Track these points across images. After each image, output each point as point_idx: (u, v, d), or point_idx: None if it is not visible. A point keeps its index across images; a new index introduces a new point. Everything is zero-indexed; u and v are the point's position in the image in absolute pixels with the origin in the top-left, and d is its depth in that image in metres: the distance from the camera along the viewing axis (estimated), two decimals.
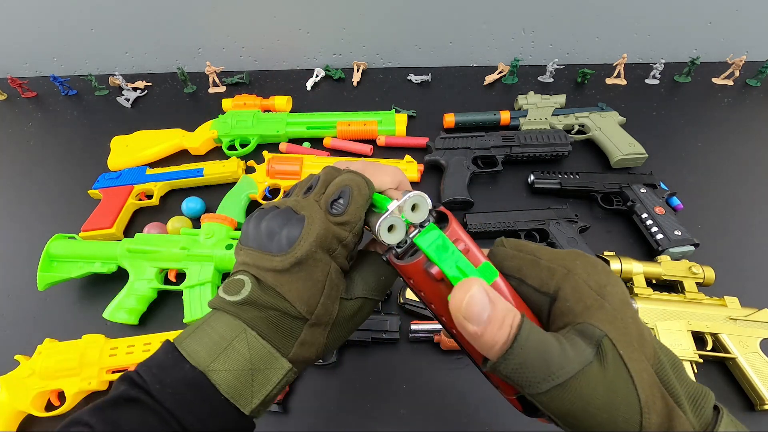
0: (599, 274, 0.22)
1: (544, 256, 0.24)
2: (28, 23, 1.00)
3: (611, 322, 0.21)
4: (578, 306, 0.21)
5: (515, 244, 0.25)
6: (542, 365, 0.19)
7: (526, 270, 0.24)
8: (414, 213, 0.24)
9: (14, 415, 0.51)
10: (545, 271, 0.23)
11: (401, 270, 0.23)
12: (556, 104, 0.86)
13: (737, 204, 0.72)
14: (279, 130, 0.85)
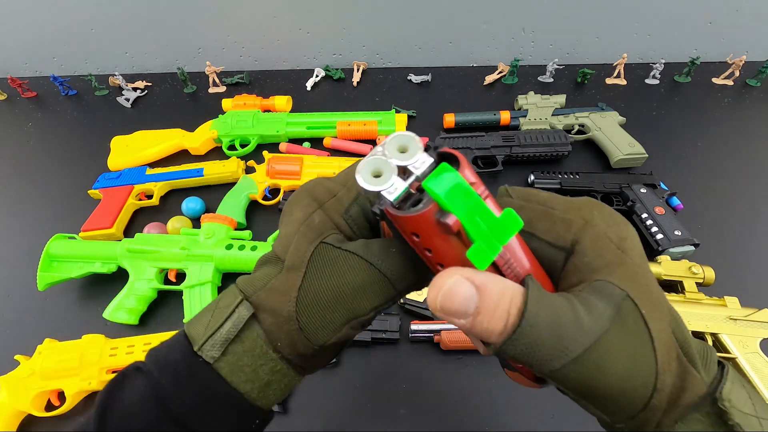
0: (619, 225, 0.20)
1: (557, 206, 0.21)
2: (28, 23, 1.00)
3: (633, 279, 0.19)
4: (598, 261, 0.19)
5: (523, 193, 0.22)
6: (555, 341, 0.17)
7: (537, 222, 0.21)
8: (404, 155, 0.19)
9: (14, 415, 0.51)
10: (560, 223, 0.21)
11: (405, 222, 0.18)
12: (556, 104, 0.86)
13: (737, 204, 0.72)
14: (279, 130, 0.85)
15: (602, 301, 0.18)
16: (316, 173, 0.76)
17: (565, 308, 0.18)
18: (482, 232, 0.17)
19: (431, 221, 0.18)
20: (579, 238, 0.20)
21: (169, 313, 0.62)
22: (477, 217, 0.17)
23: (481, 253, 0.17)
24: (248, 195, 0.74)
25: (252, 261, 0.61)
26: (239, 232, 0.67)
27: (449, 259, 0.19)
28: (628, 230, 0.20)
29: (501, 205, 0.20)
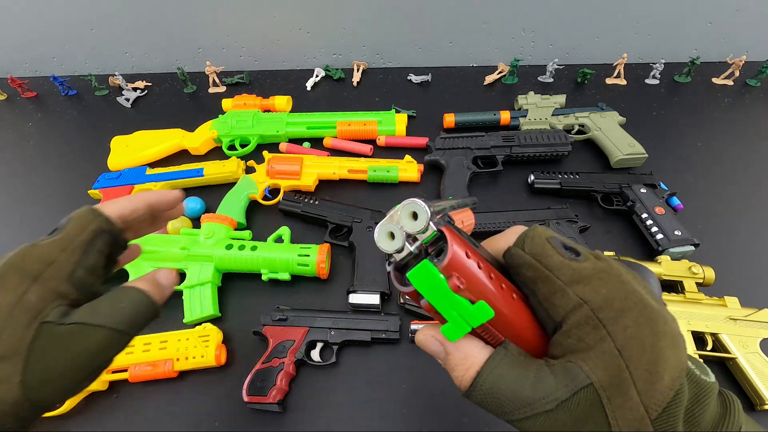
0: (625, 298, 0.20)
1: (563, 277, 0.22)
2: (28, 23, 1.00)
3: (605, 366, 0.19)
4: (578, 345, 0.20)
5: (537, 251, 0.23)
6: (512, 398, 0.20)
7: (540, 284, 0.22)
8: (414, 222, 0.23)
9: None
10: (558, 295, 0.21)
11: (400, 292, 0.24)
12: (556, 104, 0.86)
13: (737, 204, 0.72)
14: (279, 130, 0.85)
15: (562, 383, 0.20)
16: (316, 173, 0.76)
17: (525, 376, 0.21)
18: (452, 317, 0.21)
19: (416, 295, 0.23)
20: (569, 317, 0.21)
21: (169, 313, 0.62)
22: (448, 305, 0.21)
23: (451, 331, 0.22)
24: (248, 195, 0.74)
25: (252, 261, 0.61)
26: (239, 232, 0.67)
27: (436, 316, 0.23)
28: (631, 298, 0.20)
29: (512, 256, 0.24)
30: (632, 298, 0.20)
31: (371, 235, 0.66)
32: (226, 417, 0.52)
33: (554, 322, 0.22)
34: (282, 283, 0.64)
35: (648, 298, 0.20)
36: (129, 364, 0.53)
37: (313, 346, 0.57)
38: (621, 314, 0.20)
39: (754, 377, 0.51)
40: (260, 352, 0.57)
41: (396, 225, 0.23)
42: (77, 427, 0.52)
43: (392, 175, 0.76)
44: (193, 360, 0.54)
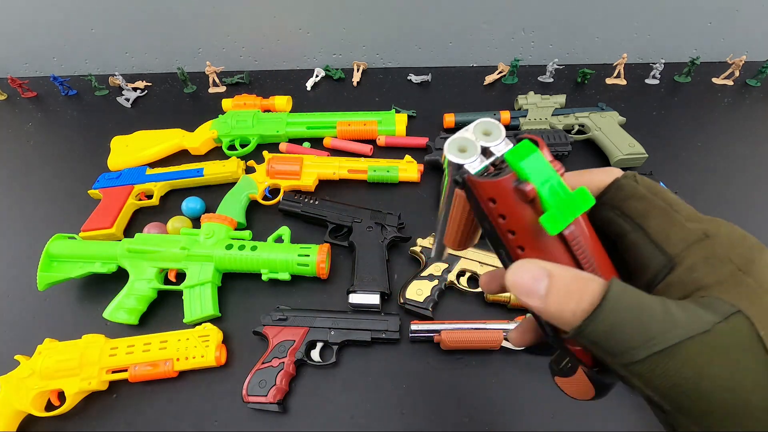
0: (749, 247, 0.18)
1: (682, 210, 0.20)
2: (28, 23, 1.00)
3: (752, 300, 0.16)
4: (709, 278, 0.17)
5: (650, 185, 0.21)
6: (639, 329, 0.16)
7: (652, 219, 0.20)
8: (487, 137, 0.21)
9: (14, 415, 0.51)
10: (677, 228, 0.19)
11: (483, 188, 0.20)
12: (556, 104, 0.86)
13: (737, 204, 0.72)
14: (279, 130, 0.85)
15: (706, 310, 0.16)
16: (316, 173, 0.76)
17: (655, 301, 0.17)
18: (556, 201, 0.18)
19: (509, 188, 0.19)
20: (691, 250, 0.18)
21: (169, 313, 0.62)
22: (552, 188, 0.18)
23: (553, 220, 0.18)
24: (248, 195, 0.74)
25: (252, 261, 0.61)
26: (239, 232, 0.67)
27: (522, 227, 0.20)
28: (762, 254, 0.18)
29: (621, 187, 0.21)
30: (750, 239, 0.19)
31: (371, 235, 0.66)
32: (226, 417, 0.52)
33: (667, 257, 0.19)
34: (282, 283, 0.64)
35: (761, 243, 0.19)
36: (129, 364, 0.53)
37: (313, 346, 0.57)
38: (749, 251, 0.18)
39: None
40: (260, 352, 0.57)
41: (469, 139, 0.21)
42: (77, 427, 0.52)
43: (392, 175, 0.76)
44: (193, 360, 0.54)
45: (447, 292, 0.63)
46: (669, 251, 0.19)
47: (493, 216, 0.20)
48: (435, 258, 0.32)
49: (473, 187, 0.20)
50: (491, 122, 0.21)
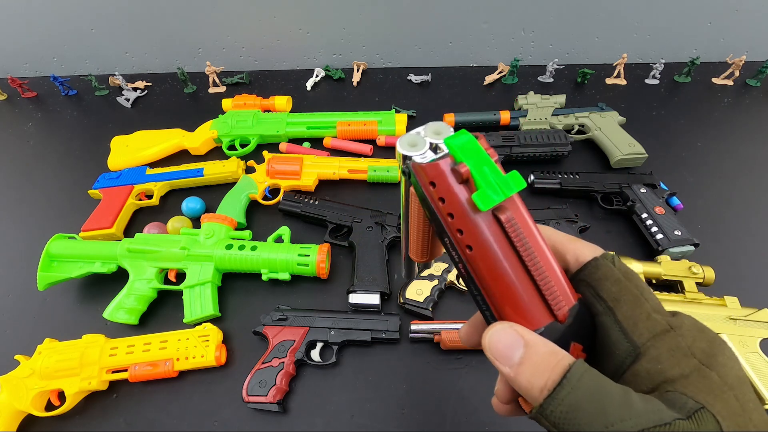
0: (710, 341, 0.19)
1: (650, 300, 0.20)
2: (28, 23, 1.00)
3: (716, 396, 0.17)
4: (673, 370, 0.18)
5: (626, 270, 0.22)
6: (598, 413, 0.16)
7: (623, 304, 0.21)
8: (437, 136, 0.23)
9: (14, 415, 0.51)
10: (644, 317, 0.20)
11: (424, 172, 0.21)
12: (556, 104, 0.86)
13: (737, 204, 0.72)
14: (279, 130, 0.85)
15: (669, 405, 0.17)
16: (316, 173, 0.76)
17: (616, 388, 0.17)
18: (488, 181, 0.20)
19: (446, 169, 0.21)
20: (656, 342, 0.19)
21: (169, 313, 0.62)
22: (485, 169, 0.20)
23: (484, 197, 0.19)
24: (248, 195, 0.74)
25: (252, 261, 0.61)
26: (239, 232, 0.67)
27: (458, 208, 0.21)
28: (722, 348, 0.19)
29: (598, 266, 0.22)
30: (709, 332, 0.20)
31: (371, 235, 0.66)
32: (226, 417, 0.52)
33: (633, 345, 0.19)
34: (282, 283, 0.64)
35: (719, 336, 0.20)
36: (129, 364, 0.53)
37: (313, 346, 0.57)
38: (710, 345, 0.19)
39: (754, 377, 0.50)
40: (260, 352, 0.57)
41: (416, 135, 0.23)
42: (77, 427, 0.52)
43: (392, 175, 0.76)
44: (193, 360, 0.54)
45: (447, 292, 0.63)
46: (635, 339, 0.20)
47: (434, 200, 0.21)
48: (405, 277, 0.34)
49: (416, 173, 0.22)
50: (442, 124, 0.23)
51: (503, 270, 0.21)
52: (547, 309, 0.21)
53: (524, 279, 0.21)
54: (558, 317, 0.21)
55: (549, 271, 0.21)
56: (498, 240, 0.21)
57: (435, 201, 0.22)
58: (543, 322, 0.21)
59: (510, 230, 0.21)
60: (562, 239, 0.24)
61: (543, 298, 0.21)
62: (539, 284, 0.21)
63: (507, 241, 0.21)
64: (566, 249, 0.24)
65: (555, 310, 0.21)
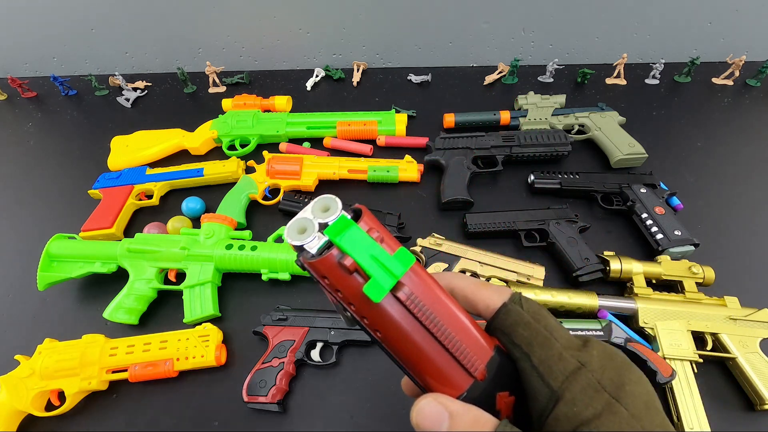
0: (618, 369, 0.20)
1: (560, 339, 0.21)
2: (28, 23, 1.00)
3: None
4: (587, 411, 0.19)
5: (534, 311, 0.23)
6: None
7: (536, 347, 0.21)
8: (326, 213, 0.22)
9: (14, 415, 0.51)
10: (556, 358, 0.21)
11: (314, 269, 0.21)
12: (556, 104, 0.86)
13: (737, 204, 0.72)
14: (279, 130, 0.85)
15: None
16: (316, 173, 0.76)
17: None
18: (375, 269, 0.20)
19: (333, 263, 0.20)
20: (569, 384, 0.20)
21: (169, 313, 0.62)
22: (370, 256, 0.20)
23: (375, 288, 0.19)
24: (248, 195, 0.74)
25: (252, 261, 0.61)
26: (239, 232, 0.67)
27: (356, 297, 0.21)
28: (630, 374, 0.20)
29: (508, 312, 0.23)
30: (617, 357, 0.21)
31: None
32: (226, 417, 0.52)
33: (551, 390, 0.20)
34: (282, 283, 0.64)
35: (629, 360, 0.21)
36: (129, 364, 0.53)
37: (313, 346, 0.57)
38: (618, 374, 0.20)
39: (753, 377, 0.51)
40: (260, 352, 0.57)
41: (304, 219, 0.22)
42: (77, 427, 0.52)
43: (392, 175, 0.76)
44: (193, 360, 0.54)
45: None
46: (552, 384, 0.20)
47: (332, 290, 0.21)
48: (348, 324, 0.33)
49: (308, 268, 0.21)
50: (329, 198, 0.22)
51: (414, 345, 0.21)
52: (465, 371, 0.22)
53: (437, 349, 0.22)
54: (476, 377, 0.22)
55: (459, 333, 0.22)
56: (403, 318, 0.21)
57: (333, 292, 0.21)
58: (464, 385, 0.21)
59: (411, 307, 0.21)
60: (471, 288, 0.25)
61: (459, 362, 0.22)
62: (451, 351, 0.21)
63: (412, 316, 0.21)
64: (476, 298, 0.24)
65: (472, 371, 0.22)
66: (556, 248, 0.64)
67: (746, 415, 0.51)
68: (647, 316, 0.55)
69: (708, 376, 0.53)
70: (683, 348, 0.53)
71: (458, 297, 0.25)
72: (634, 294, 0.58)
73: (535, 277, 0.61)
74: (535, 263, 0.63)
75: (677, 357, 0.52)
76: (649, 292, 0.58)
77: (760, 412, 0.50)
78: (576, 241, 0.64)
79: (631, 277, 0.59)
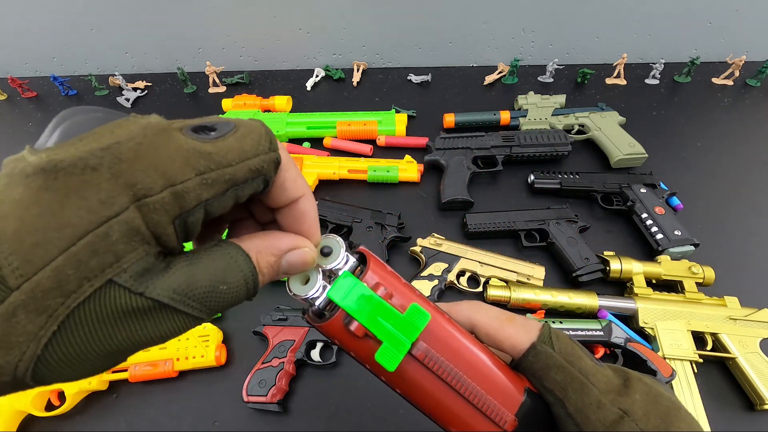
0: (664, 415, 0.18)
1: (598, 384, 0.19)
2: (28, 23, 1.00)
3: None
4: None
5: (567, 351, 0.20)
6: None
7: (571, 392, 0.20)
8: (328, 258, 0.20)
9: (14, 415, 0.51)
10: (594, 407, 0.19)
11: (322, 330, 0.20)
12: (556, 104, 0.86)
13: (737, 204, 0.72)
14: (279, 130, 0.85)
15: None
16: (316, 173, 0.76)
17: None
18: (387, 335, 0.18)
19: (341, 327, 0.19)
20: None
21: None
22: (380, 319, 0.18)
23: (387, 355, 0.18)
24: None
25: None
26: None
27: (369, 361, 0.19)
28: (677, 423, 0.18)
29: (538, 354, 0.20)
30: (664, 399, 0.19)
31: (371, 235, 0.66)
32: (226, 417, 0.52)
33: None
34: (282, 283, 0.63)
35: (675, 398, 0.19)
36: (129, 364, 0.53)
37: (313, 345, 0.57)
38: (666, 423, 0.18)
39: (753, 377, 0.51)
40: (260, 352, 0.57)
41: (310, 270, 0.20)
42: (77, 427, 0.52)
43: (392, 175, 0.76)
44: (193, 360, 0.54)
45: (447, 291, 0.63)
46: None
47: (345, 350, 0.20)
48: None
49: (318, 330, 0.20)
50: (331, 240, 0.20)
51: (436, 401, 0.21)
52: (493, 423, 0.20)
53: (461, 403, 0.20)
54: (506, 430, 0.20)
55: (484, 384, 0.20)
56: (422, 375, 0.20)
57: (346, 351, 0.20)
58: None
59: (429, 364, 0.20)
60: (494, 327, 0.22)
61: (485, 415, 0.20)
62: (476, 405, 0.20)
63: (431, 373, 0.20)
64: (500, 337, 0.22)
65: (501, 424, 0.20)
66: (556, 248, 0.64)
67: (746, 415, 0.51)
68: (647, 316, 0.55)
69: (708, 376, 0.53)
70: (683, 348, 0.53)
71: (480, 334, 0.23)
72: (634, 294, 0.58)
73: (535, 277, 0.61)
74: (535, 263, 0.63)
75: (677, 357, 0.52)
76: (649, 292, 0.58)
77: (760, 412, 0.50)
78: (576, 241, 0.64)
79: (631, 277, 0.59)
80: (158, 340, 0.16)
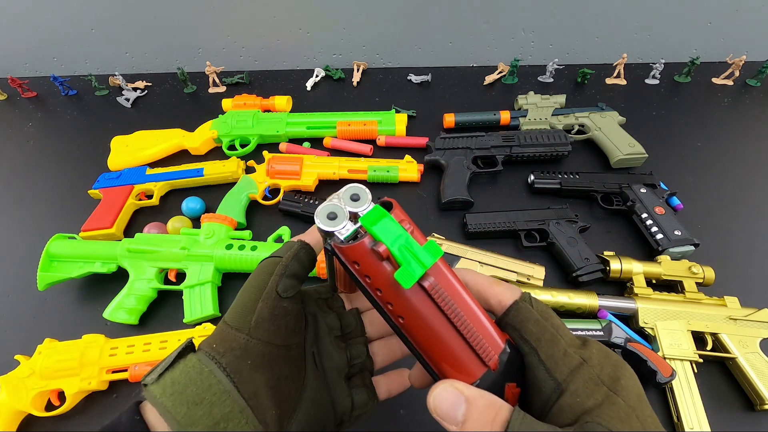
0: (613, 365, 0.22)
1: (565, 337, 0.24)
2: (28, 23, 1.00)
3: (624, 420, 0.20)
4: (589, 401, 0.21)
5: (542, 309, 0.25)
6: None
7: (544, 343, 0.23)
8: (355, 203, 0.24)
9: (14, 415, 0.51)
10: (561, 354, 0.23)
11: (346, 254, 0.23)
12: (556, 104, 0.86)
13: (737, 204, 0.72)
14: (279, 130, 0.85)
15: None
16: (316, 173, 0.76)
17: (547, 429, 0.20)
18: (406, 257, 0.21)
19: (366, 250, 0.22)
20: (573, 377, 0.22)
21: (169, 313, 0.62)
22: (402, 245, 0.21)
23: (405, 274, 0.21)
24: (248, 195, 0.74)
25: (252, 261, 0.61)
26: (239, 232, 0.67)
27: (384, 283, 0.22)
28: (623, 370, 0.22)
29: (519, 309, 0.25)
30: (612, 356, 0.23)
31: None
32: None
33: (556, 382, 0.22)
34: None
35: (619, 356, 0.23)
36: (129, 364, 0.53)
37: None
38: (614, 369, 0.22)
39: (754, 377, 0.51)
40: None
41: (335, 205, 0.23)
42: (77, 427, 0.52)
43: (392, 175, 0.76)
44: None
45: None
46: (557, 377, 0.22)
47: (361, 276, 0.23)
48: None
49: (339, 253, 0.23)
50: (359, 188, 0.24)
51: (435, 333, 0.23)
52: (479, 360, 0.23)
53: (455, 337, 0.23)
54: (490, 366, 0.23)
55: (476, 324, 0.23)
56: (425, 306, 0.22)
57: (362, 277, 0.23)
58: (478, 373, 0.23)
59: (435, 296, 0.22)
60: (484, 285, 0.26)
61: (474, 351, 0.23)
62: (468, 340, 0.23)
63: (434, 305, 0.22)
64: (488, 294, 0.26)
65: (486, 360, 0.23)
66: (556, 248, 0.64)
67: (746, 415, 0.51)
68: (647, 316, 0.55)
69: (708, 376, 0.53)
70: (683, 348, 0.53)
71: (472, 291, 0.26)
72: (634, 294, 0.58)
73: (535, 277, 0.61)
74: (535, 263, 0.63)
75: (677, 357, 0.52)
76: (649, 292, 0.58)
77: (760, 412, 0.50)
78: (576, 241, 0.64)
79: (631, 277, 0.59)
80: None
